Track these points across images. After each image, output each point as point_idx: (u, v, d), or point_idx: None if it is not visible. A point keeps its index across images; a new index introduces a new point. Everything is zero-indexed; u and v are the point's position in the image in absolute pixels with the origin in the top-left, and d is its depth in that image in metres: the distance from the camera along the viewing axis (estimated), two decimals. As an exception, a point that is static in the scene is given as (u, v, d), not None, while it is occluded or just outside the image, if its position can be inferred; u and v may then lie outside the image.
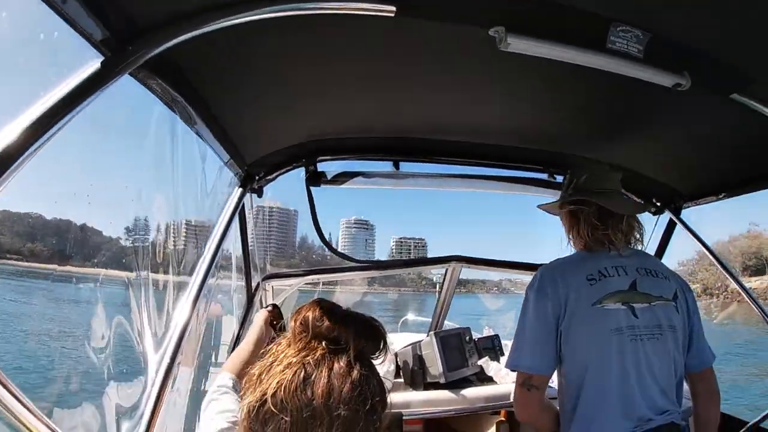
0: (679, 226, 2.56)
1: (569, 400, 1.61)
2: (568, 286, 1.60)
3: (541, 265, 1.78)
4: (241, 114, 1.62)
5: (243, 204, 2.00)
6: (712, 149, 2.02)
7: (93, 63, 0.88)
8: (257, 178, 2.05)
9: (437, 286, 3.38)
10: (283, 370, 0.83)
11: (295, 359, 0.84)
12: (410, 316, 3.84)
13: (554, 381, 1.70)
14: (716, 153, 2.05)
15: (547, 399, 1.69)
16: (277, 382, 0.82)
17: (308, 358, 0.84)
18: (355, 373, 0.84)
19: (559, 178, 2.35)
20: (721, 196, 2.38)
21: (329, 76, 1.48)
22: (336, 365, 0.84)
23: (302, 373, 0.82)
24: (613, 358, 1.54)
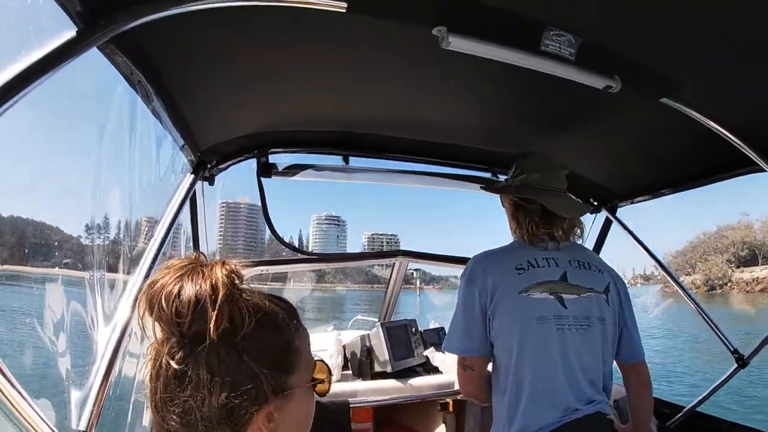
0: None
1: (499, 384, 1.67)
2: (496, 275, 1.64)
3: None
4: (198, 100, 1.65)
5: (195, 192, 2.03)
6: (645, 150, 2.14)
7: (66, 33, 0.90)
8: (209, 166, 2.07)
9: (417, 281, 3.45)
10: None
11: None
12: (361, 316, 3.89)
13: None
14: (649, 153, 2.17)
15: (488, 375, 1.75)
16: None
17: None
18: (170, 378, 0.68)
19: (503, 177, 2.46)
20: (654, 196, 2.53)
21: (282, 69, 1.53)
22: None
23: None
24: (537, 346, 1.58)
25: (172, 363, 0.67)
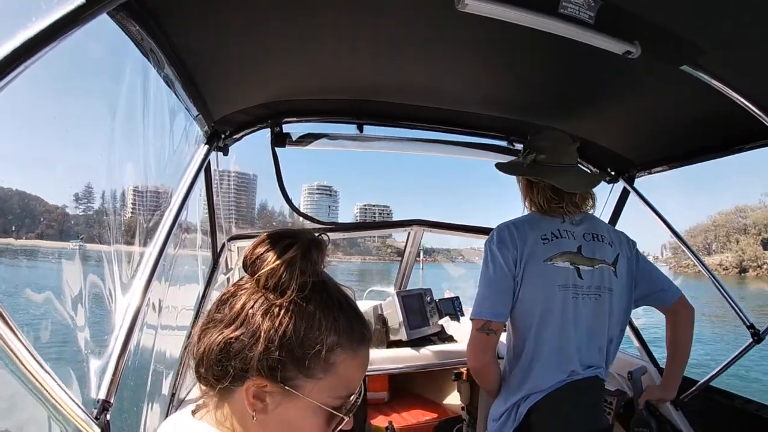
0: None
1: (515, 346, 1.77)
2: (524, 242, 1.72)
3: None
4: (211, 69, 1.63)
5: (209, 162, 2.02)
6: (664, 119, 2.09)
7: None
8: (223, 136, 2.06)
9: (420, 254, 3.47)
10: None
11: None
12: (377, 287, 3.91)
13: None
14: (668, 123, 2.12)
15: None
16: None
17: None
18: None
19: (519, 146, 2.43)
20: (672, 166, 2.48)
21: (295, 37, 1.50)
22: None
23: None
24: (556, 312, 1.68)
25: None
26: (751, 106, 1.64)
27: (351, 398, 0.81)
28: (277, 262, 0.75)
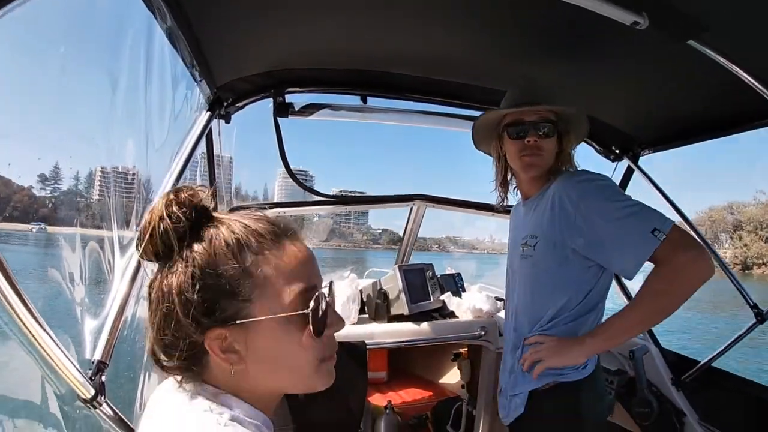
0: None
1: (591, 293, 1.58)
2: None
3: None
4: (215, 33, 1.61)
5: (210, 130, 2.00)
6: (669, 97, 2.08)
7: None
8: (225, 104, 2.04)
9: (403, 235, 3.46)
10: None
11: None
12: (376, 268, 3.92)
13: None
14: (673, 100, 2.11)
15: None
16: None
17: None
18: None
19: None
20: (677, 144, 2.47)
21: (299, 3, 1.49)
22: None
23: None
24: None
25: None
26: (757, 84, 1.64)
27: (312, 292, 0.75)
28: (149, 230, 0.73)
